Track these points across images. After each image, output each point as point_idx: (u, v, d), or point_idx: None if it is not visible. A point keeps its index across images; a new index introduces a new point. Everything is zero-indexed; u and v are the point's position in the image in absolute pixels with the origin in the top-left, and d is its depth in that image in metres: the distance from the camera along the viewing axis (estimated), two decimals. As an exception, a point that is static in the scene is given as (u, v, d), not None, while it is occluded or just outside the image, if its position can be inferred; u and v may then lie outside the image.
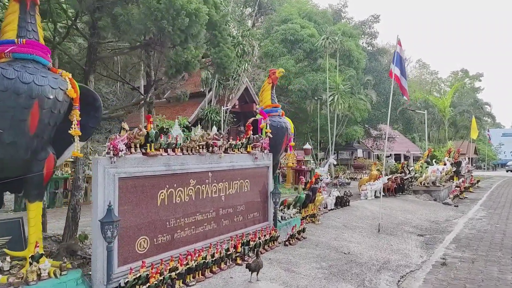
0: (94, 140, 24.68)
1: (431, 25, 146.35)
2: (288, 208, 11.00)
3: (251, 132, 8.66)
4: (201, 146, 7.07)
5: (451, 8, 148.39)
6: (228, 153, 7.86)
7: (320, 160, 43.69)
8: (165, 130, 21.81)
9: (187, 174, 6.79)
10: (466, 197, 20.62)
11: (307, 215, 10.96)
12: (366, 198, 16.27)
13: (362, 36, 49.43)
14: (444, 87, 78.89)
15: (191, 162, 6.85)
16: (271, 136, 9.24)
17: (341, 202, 13.67)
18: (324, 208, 12.74)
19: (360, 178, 20.70)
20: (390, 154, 50.68)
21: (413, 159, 53.75)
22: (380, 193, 17.00)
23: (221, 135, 7.38)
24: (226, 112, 27.26)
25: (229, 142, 7.93)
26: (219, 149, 7.48)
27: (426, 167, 19.82)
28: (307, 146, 32.23)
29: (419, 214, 14.40)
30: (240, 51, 26.37)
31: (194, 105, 27.87)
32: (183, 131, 20.49)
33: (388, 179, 17.51)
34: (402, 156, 55.31)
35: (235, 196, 8.00)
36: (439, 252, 9.29)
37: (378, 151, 50.79)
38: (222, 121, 26.31)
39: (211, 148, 7.30)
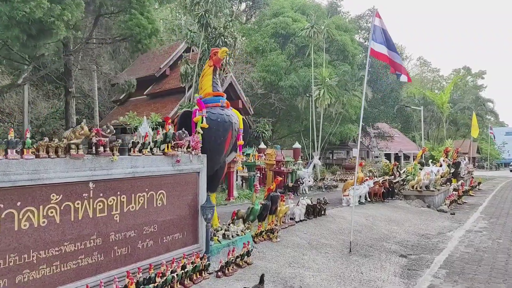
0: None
1: (432, 21, 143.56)
2: (244, 222, 8.86)
3: (171, 127, 6.48)
4: (74, 146, 4.90)
5: (453, 3, 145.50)
6: (130, 155, 5.70)
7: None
8: (133, 128, 19.65)
9: (45, 187, 4.62)
10: (465, 202, 18.37)
11: (262, 231, 8.76)
12: (349, 205, 14.07)
13: (359, 31, 47.34)
14: (445, 85, 76.39)
15: (54, 169, 4.68)
16: (201, 132, 7.06)
17: (313, 212, 11.46)
18: (290, 219, 10.55)
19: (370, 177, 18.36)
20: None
21: (413, 159, 51.34)
22: (365, 198, 14.85)
23: (108, 130, 5.20)
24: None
25: (131, 141, 5.78)
26: (110, 150, 5.32)
27: (420, 169, 17.57)
28: (297, 145, 30.07)
29: (407, 225, 12.17)
30: (221, 43, 24.26)
31: (175, 102, 25.75)
32: (155, 128, 18.34)
33: (374, 182, 15.30)
34: (402, 156, 53.00)
35: (141, 213, 5.82)
36: (423, 283, 7.08)
37: (377, 150, 48.55)
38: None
39: (94, 148, 5.15)
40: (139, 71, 29.57)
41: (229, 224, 8.41)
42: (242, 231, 8.13)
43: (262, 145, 29.60)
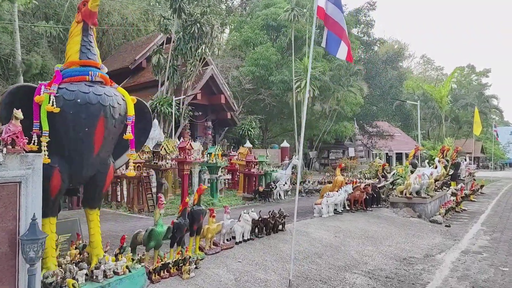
0: None
1: (436, 18, 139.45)
2: (149, 246, 6.19)
3: None
4: None
5: (457, 0, 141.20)
6: None
7: (311, 160, 38.77)
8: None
9: None
10: (464, 210, 15.55)
11: (167, 263, 6.04)
12: (321, 216, 11.34)
13: (358, 25, 44.64)
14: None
15: None
16: (20, 117, 4.35)
17: (266, 228, 8.76)
18: (228, 240, 7.83)
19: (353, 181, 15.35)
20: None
21: (416, 159, 47.98)
22: (343, 207, 12.15)
23: None
24: (182, 104, 22.52)
25: None
26: None
27: (411, 171, 14.75)
28: (285, 144, 27.48)
29: (387, 244, 9.40)
30: (197, 31, 21.63)
31: (150, 96, 23.04)
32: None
33: (354, 188, 12.52)
34: (404, 155, 49.88)
35: None
36: None
37: (375, 149, 45.65)
38: (176, 113, 21.56)
39: None
40: (115, 63, 27.03)
41: (116, 255, 5.76)
42: (126, 266, 5.46)
43: (248, 144, 26.99)
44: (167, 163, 11.95)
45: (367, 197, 12.84)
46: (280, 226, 9.25)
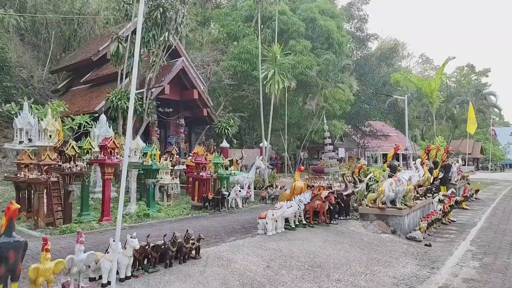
0: None
1: (435, 17, 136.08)
2: None
3: None
4: None
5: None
6: None
7: (301, 162, 36.13)
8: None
9: None
10: (453, 221, 12.93)
11: None
12: (265, 233, 8.76)
13: (351, 21, 42.14)
14: (449, 82, 70.37)
15: None
16: None
17: (165, 257, 6.19)
18: (94, 280, 5.27)
19: (318, 187, 12.48)
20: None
21: (413, 159, 45.18)
22: (298, 220, 9.58)
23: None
24: (146, 98, 19.98)
25: None
26: None
27: (390, 175, 12.14)
28: (264, 144, 24.89)
29: (337, 277, 6.78)
30: (160, 17, 19.08)
31: (112, 90, 20.46)
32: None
33: (313, 196, 9.92)
34: (401, 156, 47.13)
35: None
36: None
37: (368, 150, 42.99)
38: (139, 109, 19.04)
39: None
40: (81, 55, 24.58)
41: None
42: None
43: (225, 144, 24.44)
44: (76, 165, 9.40)
45: (331, 207, 10.24)
46: (193, 253, 6.70)
